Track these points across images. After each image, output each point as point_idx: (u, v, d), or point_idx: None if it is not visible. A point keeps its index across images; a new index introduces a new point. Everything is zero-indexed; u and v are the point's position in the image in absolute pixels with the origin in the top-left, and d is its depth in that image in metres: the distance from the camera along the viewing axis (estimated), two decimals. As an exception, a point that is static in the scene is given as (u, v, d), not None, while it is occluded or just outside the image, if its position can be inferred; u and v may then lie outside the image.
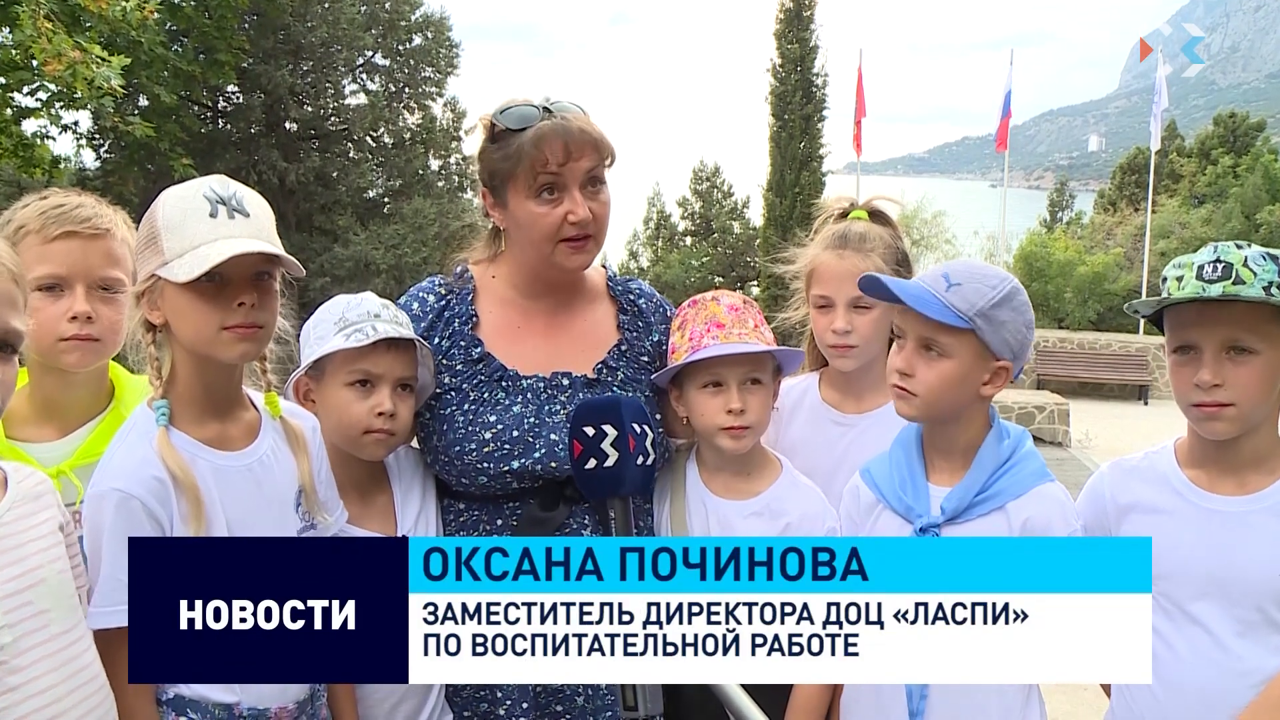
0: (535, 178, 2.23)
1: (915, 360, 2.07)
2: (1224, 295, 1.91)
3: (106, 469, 1.85)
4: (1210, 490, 2.05)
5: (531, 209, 2.25)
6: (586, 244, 2.29)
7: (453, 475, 2.30)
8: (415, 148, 29.08)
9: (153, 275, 1.85)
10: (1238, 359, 1.94)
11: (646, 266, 38.54)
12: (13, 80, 12.57)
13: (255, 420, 2.00)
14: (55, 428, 2.09)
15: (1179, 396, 2.04)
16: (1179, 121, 54.62)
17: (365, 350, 2.15)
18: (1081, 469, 13.03)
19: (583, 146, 2.23)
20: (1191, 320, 1.99)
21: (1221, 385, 1.94)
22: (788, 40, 30.83)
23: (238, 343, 1.85)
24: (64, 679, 1.63)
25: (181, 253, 1.81)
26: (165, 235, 1.83)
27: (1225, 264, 1.93)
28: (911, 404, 2.10)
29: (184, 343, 1.88)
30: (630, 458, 1.79)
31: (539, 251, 2.29)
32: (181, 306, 1.84)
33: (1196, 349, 1.98)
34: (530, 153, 2.22)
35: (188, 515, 1.83)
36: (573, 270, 2.34)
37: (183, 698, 1.85)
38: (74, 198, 2.11)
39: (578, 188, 2.24)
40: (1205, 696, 1.99)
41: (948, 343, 2.06)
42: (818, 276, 2.50)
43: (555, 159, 2.21)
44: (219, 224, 1.84)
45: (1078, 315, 28.75)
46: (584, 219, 2.24)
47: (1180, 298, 1.96)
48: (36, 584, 1.64)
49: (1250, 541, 1.99)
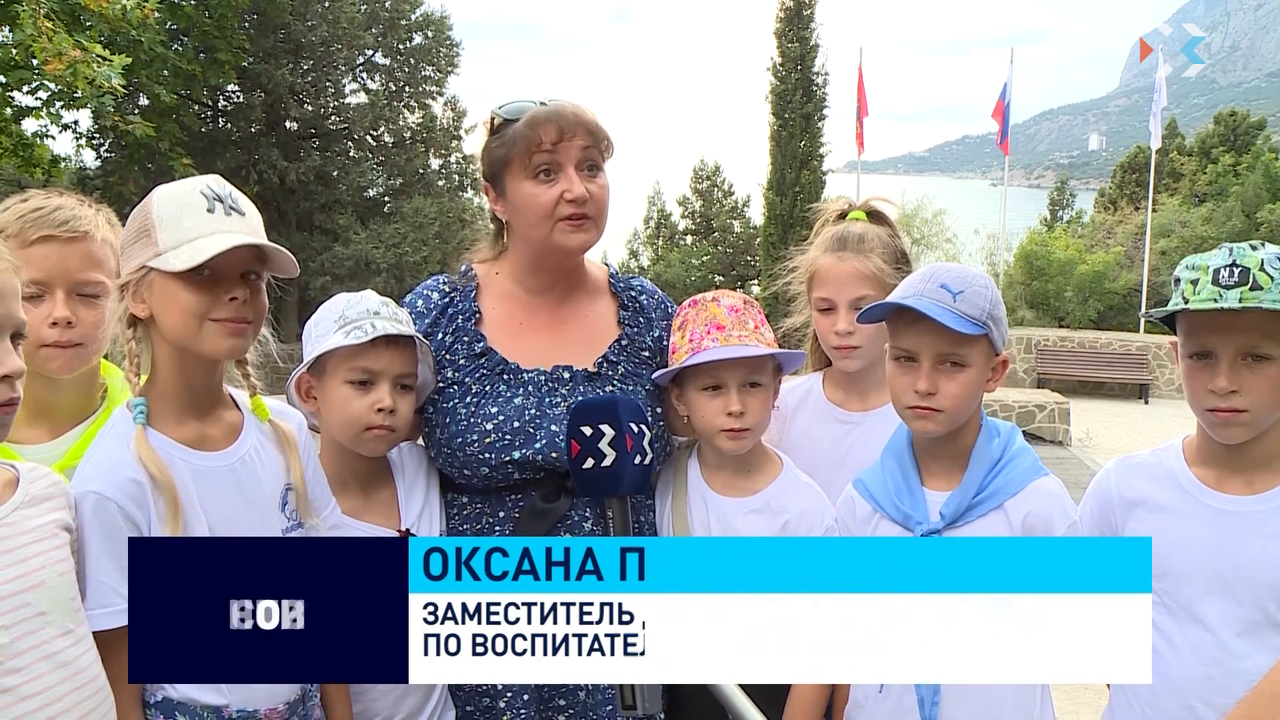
0: (530, 158, 2.26)
1: (936, 378, 2.06)
2: (1243, 305, 1.88)
3: (84, 471, 1.84)
4: (1218, 489, 2.04)
5: (528, 189, 2.28)
6: (584, 223, 2.30)
7: (455, 467, 2.31)
8: (415, 147, 29.08)
9: (142, 267, 1.85)
10: (1255, 365, 1.92)
11: (647, 265, 38.54)
12: (13, 79, 12.59)
13: (237, 420, 1.99)
14: (46, 429, 2.07)
15: (1193, 401, 2.02)
16: (1180, 120, 54.62)
17: (364, 347, 2.16)
18: (1082, 468, 13.04)
19: (575, 127, 2.27)
20: (1207, 326, 1.96)
21: (1237, 391, 1.93)
22: (788, 39, 30.79)
23: (226, 337, 1.86)
24: (61, 680, 1.63)
25: (177, 244, 1.81)
26: (160, 228, 1.83)
27: (1242, 268, 1.90)
28: (937, 420, 2.09)
29: (169, 335, 1.86)
30: (628, 457, 1.79)
31: (538, 233, 2.31)
32: (170, 297, 1.83)
33: (1213, 355, 1.96)
34: (525, 133, 2.27)
35: (165, 516, 1.81)
36: (572, 250, 2.34)
37: (171, 700, 1.84)
38: (53, 199, 2.07)
39: (573, 168, 2.27)
40: (1205, 695, 1.99)
41: (966, 352, 2.07)
42: (819, 279, 2.51)
43: (549, 138, 2.25)
44: (216, 219, 1.85)
45: (1078, 314, 28.74)
46: (580, 195, 2.26)
47: (1198, 307, 1.93)
48: (36, 586, 1.63)
49: (1257, 541, 1.98)
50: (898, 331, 2.12)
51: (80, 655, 1.68)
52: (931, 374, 2.06)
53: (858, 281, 2.44)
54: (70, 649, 1.66)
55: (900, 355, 2.12)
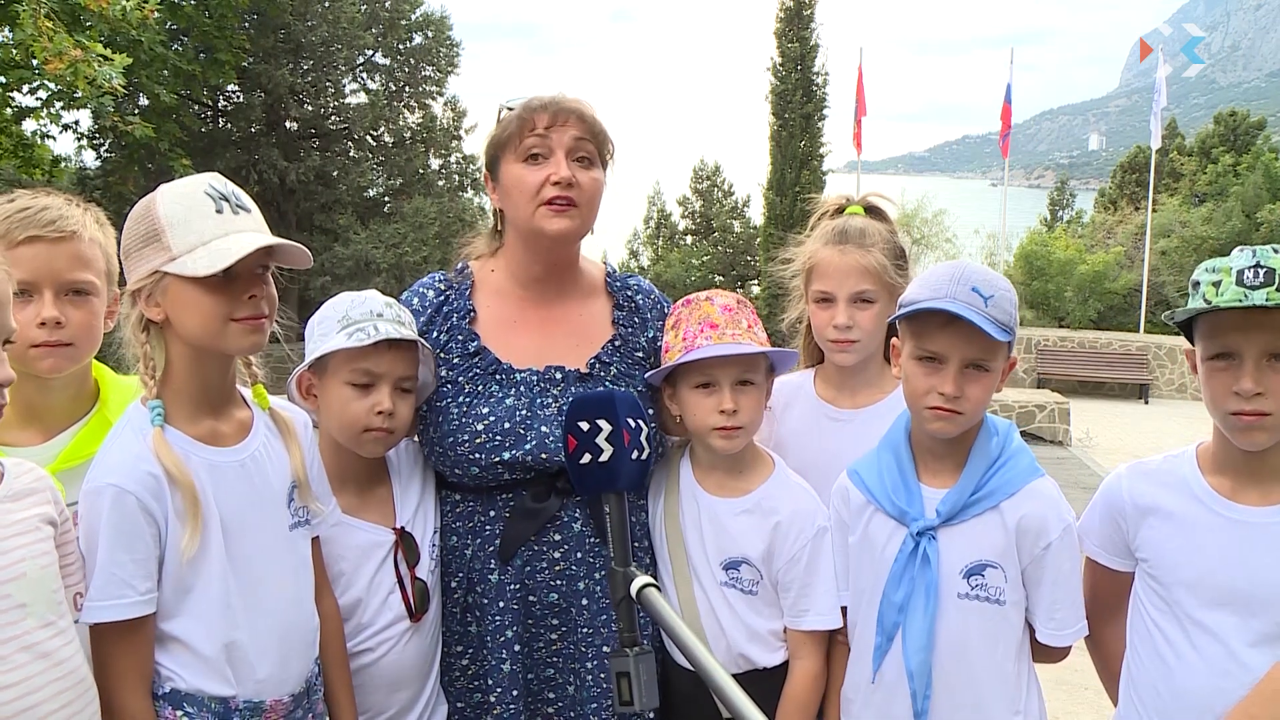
0: (523, 141, 2.29)
1: (962, 382, 2.06)
2: (1270, 303, 1.85)
3: (102, 464, 1.86)
4: (1233, 499, 2.01)
5: (517, 172, 2.31)
6: (568, 209, 2.30)
7: (447, 466, 2.32)
8: (415, 147, 29.10)
9: (155, 271, 1.85)
10: (1279, 367, 1.91)
11: (647, 265, 38.51)
12: (13, 79, 12.58)
13: (248, 418, 2.02)
14: (38, 431, 2.06)
15: (1214, 405, 1.98)
16: (1179, 120, 54.58)
17: (366, 350, 2.17)
18: (1082, 468, 13.01)
19: (568, 114, 2.30)
20: (1232, 327, 1.92)
21: (1263, 393, 1.90)
22: (788, 39, 30.79)
23: (248, 334, 1.89)
24: (39, 672, 1.64)
25: (192, 247, 1.83)
26: (171, 231, 1.84)
27: (1268, 269, 1.87)
28: (957, 422, 2.09)
29: (189, 336, 1.88)
30: (625, 452, 1.78)
31: (523, 214, 2.32)
32: (190, 300, 1.85)
33: (1236, 356, 1.93)
34: (519, 116, 2.31)
35: (183, 512, 1.84)
36: (553, 236, 2.32)
37: (179, 691, 1.86)
38: (40, 199, 2.05)
39: (564, 154, 2.29)
40: (1215, 706, 1.97)
41: (993, 357, 2.07)
42: (818, 272, 2.48)
43: (541, 122, 2.29)
44: (226, 220, 1.87)
45: (1078, 314, 28.72)
46: (565, 177, 2.27)
47: (1224, 304, 1.91)
48: (17, 578, 1.64)
49: (1272, 553, 1.95)
50: (925, 332, 2.08)
51: (61, 647, 1.69)
52: (958, 377, 2.05)
53: (859, 275, 2.42)
54: (51, 640, 1.67)
55: (925, 356, 2.09)
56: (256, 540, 1.95)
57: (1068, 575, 2.13)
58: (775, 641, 2.33)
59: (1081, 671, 2.59)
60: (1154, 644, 2.08)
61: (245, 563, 1.92)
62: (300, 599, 2.03)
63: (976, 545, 2.11)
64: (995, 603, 2.11)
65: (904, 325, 2.14)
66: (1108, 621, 2.24)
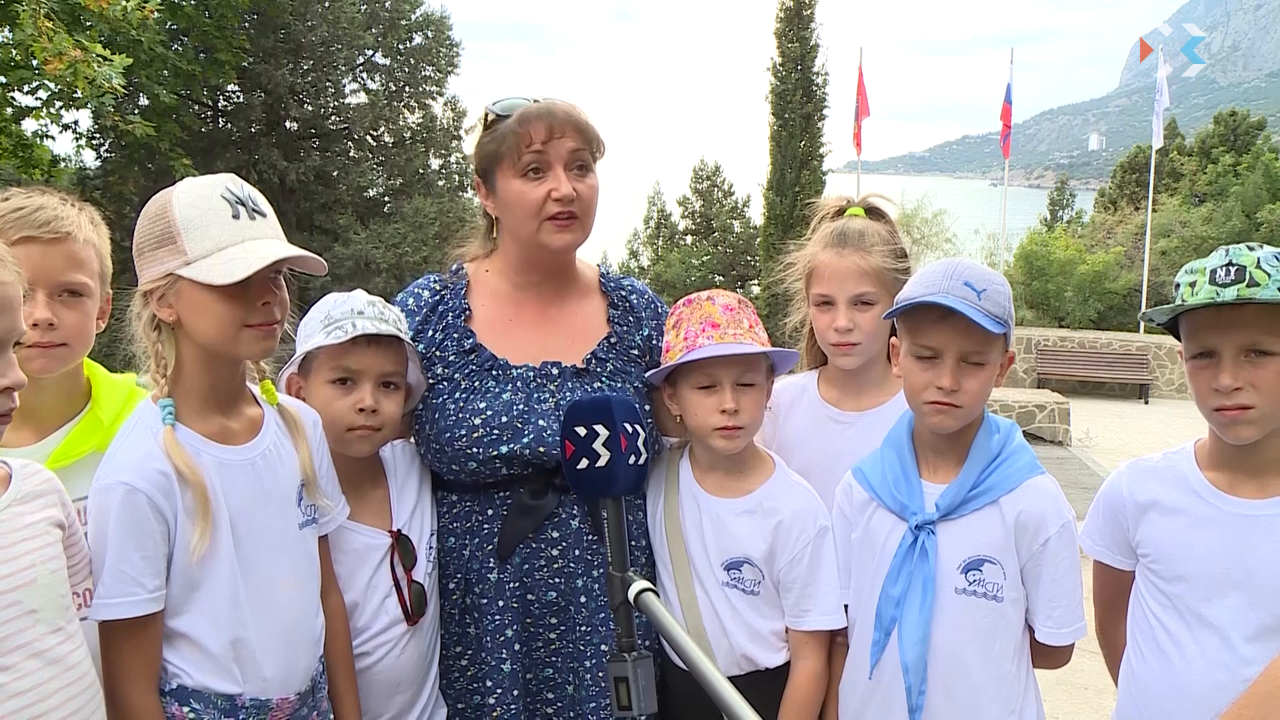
0: (520, 157, 2.29)
1: (959, 376, 2.08)
2: (1239, 299, 1.90)
3: (112, 462, 1.86)
4: (1230, 493, 2.04)
5: (517, 187, 2.31)
6: (571, 224, 2.32)
7: (443, 463, 2.32)
8: (415, 147, 29.08)
9: (169, 274, 1.85)
10: (1257, 361, 1.94)
11: (647, 265, 38.55)
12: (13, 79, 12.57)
13: (259, 415, 2.02)
14: (31, 431, 2.04)
15: (1200, 402, 2.03)
16: (1180, 120, 54.59)
17: (346, 347, 2.17)
18: (1082, 468, 13.00)
19: (565, 126, 2.30)
20: (1208, 325, 1.98)
21: (1242, 388, 1.94)
22: (788, 39, 30.78)
23: (261, 340, 1.90)
24: (50, 678, 1.63)
25: (208, 253, 1.83)
26: (187, 235, 1.83)
27: (1238, 267, 1.93)
28: (955, 416, 2.11)
29: (202, 340, 1.89)
30: (622, 457, 1.78)
31: (524, 230, 2.33)
32: (203, 305, 1.85)
33: (1215, 354, 1.98)
34: (515, 130, 2.29)
35: (193, 510, 1.84)
36: (558, 250, 2.36)
37: (185, 688, 1.87)
38: (35, 199, 2.04)
39: (562, 167, 2.29)
40: (1212, 699, 1.96)
41: (988, 350, 2.09)
42: (818, 275, 2.49)
43: (539, 137, 2.28)
44: (243, 226, 1.86)
45: (1078, 314, 28.74)
46: (567, 194, 2.28)
47: (1195, 303, 1.96)
48: (28, 584, 1.64)
49: (1269, 545, 1.97)
50: (920, 328, 2.11)
51: (70, 652, 1.69)
52: (955, 371, 2.08)
53: (859, 278, 2.42)
54: (60, 646, 1.67)
55: (921, 352, 2.11)
56: (265, 538, 1.95)
57: (1066, 573, 2.13)
58: (777, 642, 2.33)
59: (1082, 672, 2.59)
60: (1154, 638, 2.09)
61: (254, 561, 1.92)
62: (307, 598, 2.03)
63: (975, 540, 2.12)
64: (993, 599, 2.11)
65: (901, 322, 2.16)
66: (1117, 624, 2.25)
